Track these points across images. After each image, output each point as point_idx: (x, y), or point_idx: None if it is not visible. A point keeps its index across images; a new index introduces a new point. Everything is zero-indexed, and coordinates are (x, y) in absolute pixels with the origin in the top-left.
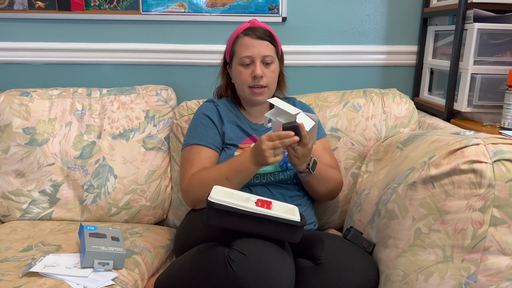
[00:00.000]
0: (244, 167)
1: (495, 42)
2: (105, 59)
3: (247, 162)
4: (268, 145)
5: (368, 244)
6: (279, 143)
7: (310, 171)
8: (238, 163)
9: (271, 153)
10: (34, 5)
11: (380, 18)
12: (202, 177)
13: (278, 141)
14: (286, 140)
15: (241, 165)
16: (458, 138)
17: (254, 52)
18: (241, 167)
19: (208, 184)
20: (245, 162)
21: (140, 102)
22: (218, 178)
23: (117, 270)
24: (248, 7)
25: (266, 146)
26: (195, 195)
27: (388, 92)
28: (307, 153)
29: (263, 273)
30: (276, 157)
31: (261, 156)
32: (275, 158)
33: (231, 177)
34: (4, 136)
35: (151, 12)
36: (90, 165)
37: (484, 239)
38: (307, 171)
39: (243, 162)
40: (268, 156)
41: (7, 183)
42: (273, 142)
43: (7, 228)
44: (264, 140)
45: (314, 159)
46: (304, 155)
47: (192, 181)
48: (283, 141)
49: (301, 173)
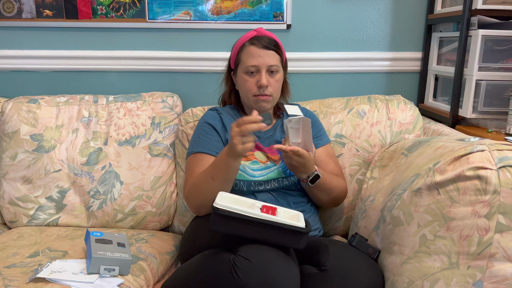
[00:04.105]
0: (221, 161)
1: (500, 48)
2: (111, 67)
3: (223, 154)
4: (235, 131)
5: (373, 251)
6: (245, 128)
7: (308, 183)
8: (218, 158)
9: (239, 140)
10: (42, 13)
11: (384, 25)
12: (195, 181)
13: (244, 125)
14: (253, 125)
15: (219, 160)
16: (463, 145)
17: (259, 62)
18: (220, 162)
19: (199, 186)
20: (222, 155)
21: (146, 109)
22: (205, 179)
23: (123, 276)
24: (253, 14)
25: (233, 133)
26: (193, 200)
27: (393, 99)
28: (304, 162)
29: (268, 279)
30: (244, 144)
31: (231, 144)
32: (243, 146)
33: (215, 175)
34: (12, 142)
35: (157, 20)
36: (96, 172)
37: (489, 246)
38: (305, 181)
39: (221, 156)
40: (236, 143)
41: (14, 189)
42: (240, 127)
43: (14, 234)
44: (232, 126)
45: (316, 173)
46: (301, 164)
47: (189, 187)
48: (249, 126)
49: (302, 181)
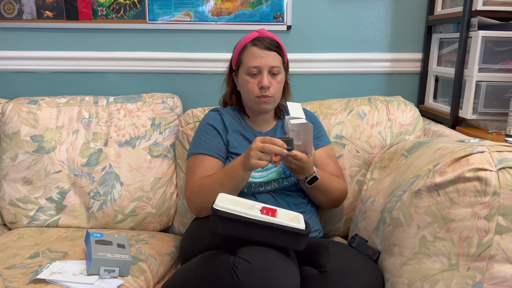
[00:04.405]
0: (234, 171)
1: (500, 49)
2: (112, 68)
3: (237, 164)
4: (257, 145)
5: (373, 252)
6: (268, 147)
7: (306, 183)
8: (230, 167)
9: (257, 154)
10: (42, 14)
11: (384, 26)
12: (201, 185)
13: (268, 144)
14: (276, 148)
15: (232, 169)
16: (463, 146)
17: (261, 63)
18: (232, 171)
19: (205, 191)
20: (235, 165)
21: (146, 110)
22: (213, 185)
23: (122, 277)
24: (253, 16)
25: (255, 146)
26: (196, 203)
27: (393, 100)
28: (303, 166)
29: (268, 280)
30: (260, 160)
31: (247, 154)
32: (258, 161)
33: (224, 183)
34: (12, 143)
35: (158, 21)
36: (96, 173)
37: (489, 247)
38: (303, 182)
39: (234, 165)
40: (252, 155)
41: (14, 190)
42: (264, 144)
43: (14, 235)
44: (256, 140)
45: (314, 175)
46: (299, 167)
47: (192, 189)
48: (272, 147)
49: (300, 181)
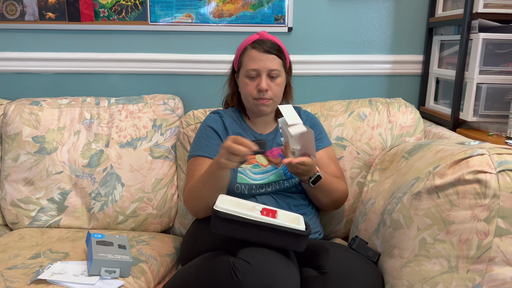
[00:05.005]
0: (211, 170)
1: (501, 52)
2: (113, 69)
3: (213, 163)
4: (226, 144)
5: (373, 254)
6: (234, 148)
7: (310, 184)
8: (209, 166)
9: (224, 153)
10: (44, 16)
11: (385, 28)
12: (191, 186)
13: (235, 145)
14: (242, 149)
15: (210, 168)
16: (463, 148)
17: (260, 66)
18: (210, 170)
19: (193, 191)
20: (212, 164)
21: (147, 111)
22: (198, 184)
23: (123, 278)
24: (255, 17)
25: (225, 144)
26: (189, 204)
27: (394, 102)
28: (308, 168)
29: (268, 282)
30: (228, 161)
31: (219, 153)
32: (226, 161)
33: (205, 182)
34: (14, 144)
35: (159, 23)
36: (97, 173)
37: (489, 250)
38: (307, 182)
39: (211, 164)
40: (221, 154)
41: (16, 191)
42: (232, 144)
43: (15, 235)
44: (228, 139)
45: (318, 174)
46: (305, 170)
47: (187, 191)
48: (238, 148)
49: (303, 182)
